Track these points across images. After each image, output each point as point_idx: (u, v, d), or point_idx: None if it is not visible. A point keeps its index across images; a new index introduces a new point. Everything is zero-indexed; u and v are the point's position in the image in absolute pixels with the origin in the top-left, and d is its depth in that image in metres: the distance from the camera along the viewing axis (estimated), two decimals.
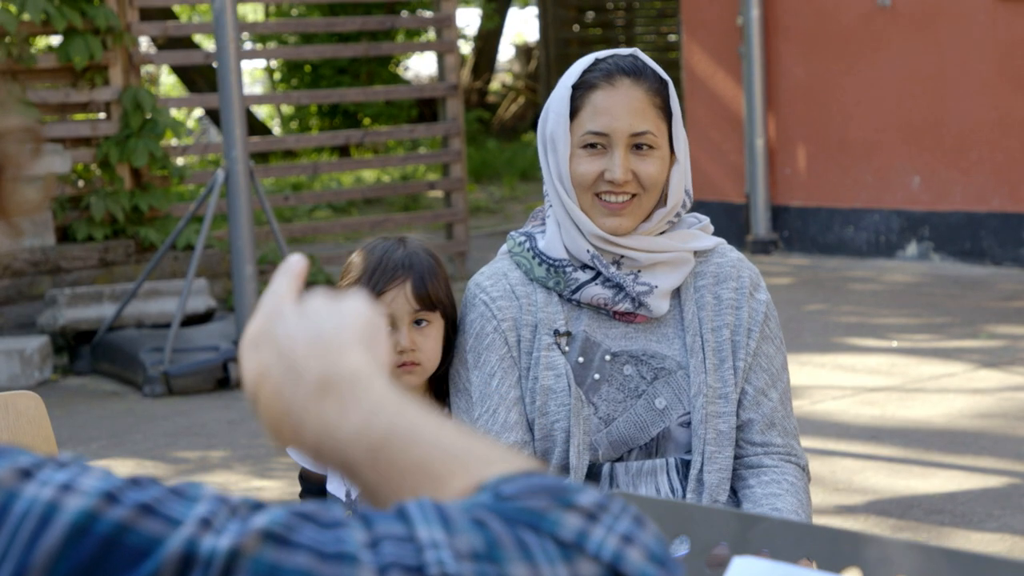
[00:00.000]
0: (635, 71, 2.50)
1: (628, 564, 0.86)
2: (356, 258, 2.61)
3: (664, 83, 2.52)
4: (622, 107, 2.48)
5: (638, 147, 2.49)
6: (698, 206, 10.03)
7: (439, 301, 2.56)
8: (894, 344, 7.21)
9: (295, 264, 1.11)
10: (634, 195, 2.50)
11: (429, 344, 2.55)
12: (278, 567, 0.84)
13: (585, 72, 2.51)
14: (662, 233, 2.56)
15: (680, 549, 1.24)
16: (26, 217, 1.02)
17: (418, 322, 2.55)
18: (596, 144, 2.49)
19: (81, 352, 7.73)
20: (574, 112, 2.50)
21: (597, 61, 2.52)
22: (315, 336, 1.03)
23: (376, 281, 2.55)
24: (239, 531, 0.85)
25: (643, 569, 0.86)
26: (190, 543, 0.85)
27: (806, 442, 5.26)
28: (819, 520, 4.68)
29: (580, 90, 2.50)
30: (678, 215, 2.57)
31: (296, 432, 1.01)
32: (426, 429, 0.98)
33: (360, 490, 1.00)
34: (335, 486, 2.61)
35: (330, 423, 0.99)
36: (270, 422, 1.03)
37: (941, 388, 6.35)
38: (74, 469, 0.89)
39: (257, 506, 0.88)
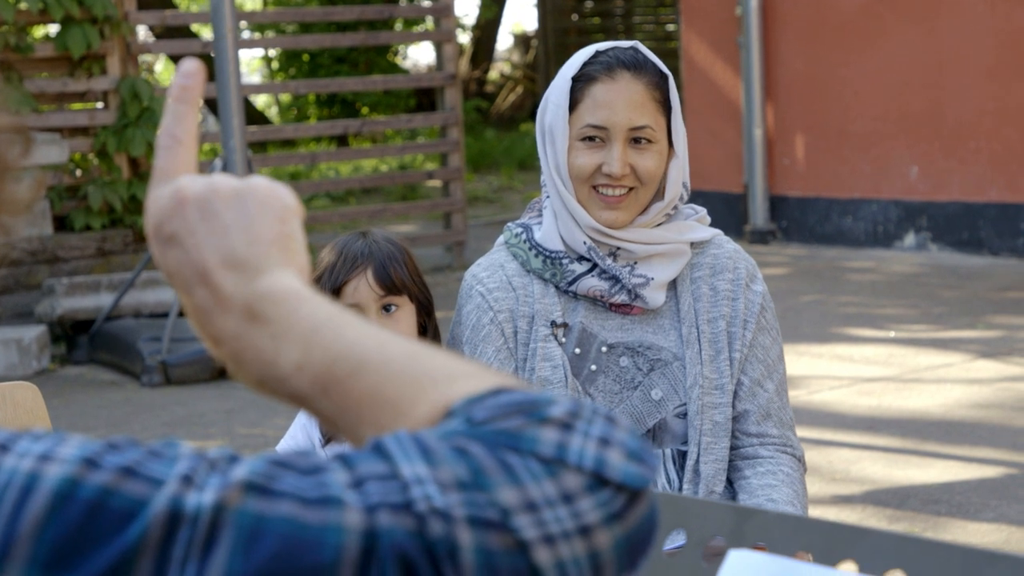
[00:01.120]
0: (636, 64, 2.49)
1: (610, 467, 0.86)
2: (323, 254, 2.63)
3: (664, 76, 2.52)
4: (622, 101, 2.47)
5: (636, 141, 2.49)
6: (696, 196, 9.98)
7: (404, 285, 2.56)
8: (891, 334, 7.22)
9: (189, 81, 1.05)
10: (631, 188, 2.50)
11: (400, 329, 2.55)
12: (263, 517, 0.83)
13: (585, 64, 2.50)
14: (659, 225, 2.56)
15: (676, 542, 1.25)
16: (15, 216, 1.01)
17: (387, 309, 2.57)
18: (595, 137, 2.49)
19: (79, 342, 7.73)
20: (573, 104, 2.50)
21: (598, 53, 2.51)
22: (228, 254, 0.98)
23: (337, 273, 2.56)
24: (221, 484, 0.85)
25: (625, 469, 0.86)
26: (175, 501, 0.84)
27: (803, 432, 5.26)
28: (816, 510, 4.68)
29: (580, 82, 2.50)
30: (675, 207, 2.57)
31: (233, 363, 0.98)
32: (372, 352, 0.94)
33: (319, 421, 0.97)
34: None
35: (266, 356, 0.96)
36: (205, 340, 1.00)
37: (938, 378, 6.36)
38: (50, 439, 0.89)
39: (234, 458, 0.88)
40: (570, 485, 0.86)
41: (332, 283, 2.56)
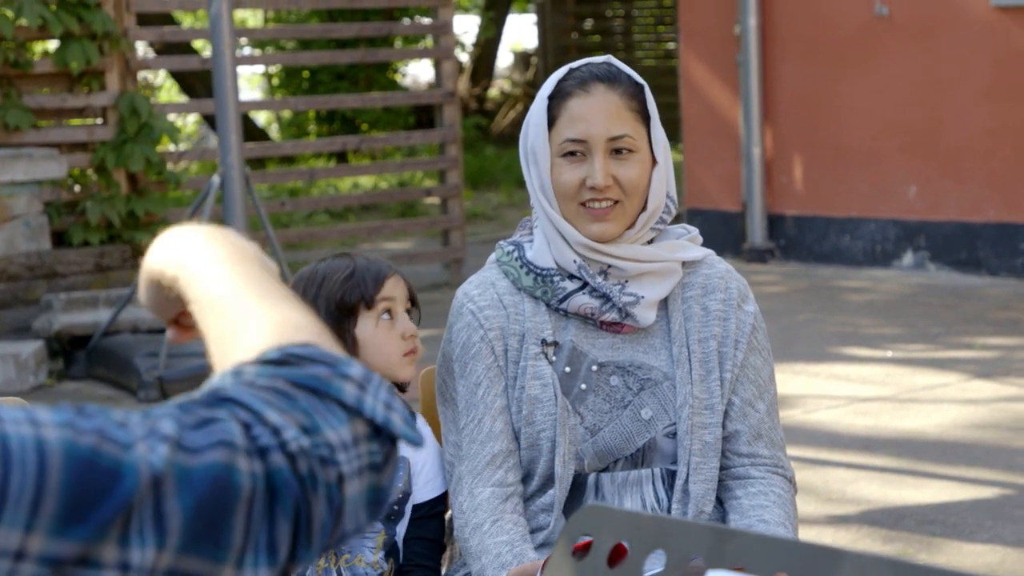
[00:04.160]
0: (609, 77, 2.50)
1: (393, 425, 1.03)
2: (331, 271, 2.62)
3: (639, 87, 2.53)
4: (598, 112, 2.48)
5: (618, 152, 2.50)
6: (694, 214, 10.04)
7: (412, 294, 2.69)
8: (888, 354, 7.21)
9: None
10: (617, 201, 2.50)
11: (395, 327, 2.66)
12: (187, 469, 0.96)
13: (560, 82, 2.52)
14: (650, 242, 2.56)
15: (654, 566, 1.25)
16: None
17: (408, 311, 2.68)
18: (576, 151, 2.50)
19: (76, 357, 7.73)
20: (551, 122, 2.51)
21: (571, 71, 2.53)
22: None
23: (374, 276, 2.59)
24: (161, 443, 0.96)
25: (404, 431, 1.04)
26: (146, 463, 0.95)
27: (798, 451, 5.26)
28: (810, 530, 4.68)
29: (556, 99, 2.51)
30: (662, 221, 2.56)
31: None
32: (239, 278, 1.19)
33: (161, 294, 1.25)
34: None
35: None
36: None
37: (935, 399, 6.35)
38: (21, 409, 0.96)
39: (148, 415, 1.00)
40: (359, 431, 1.02)
41: (372, 282, 2.58)
